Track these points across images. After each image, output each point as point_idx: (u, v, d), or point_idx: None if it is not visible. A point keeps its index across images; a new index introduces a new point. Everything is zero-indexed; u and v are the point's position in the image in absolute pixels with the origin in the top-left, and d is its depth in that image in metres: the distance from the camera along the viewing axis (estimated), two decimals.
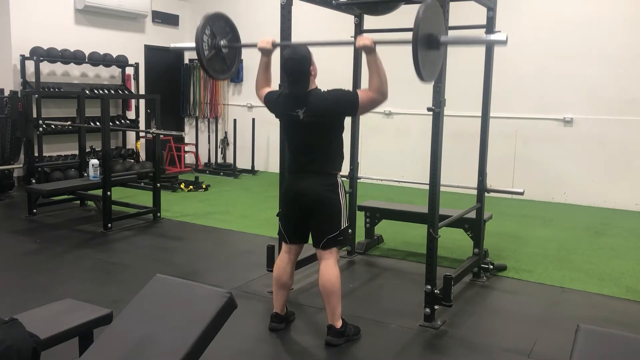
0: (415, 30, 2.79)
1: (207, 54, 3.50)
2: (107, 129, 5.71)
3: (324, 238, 3.21)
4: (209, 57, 3.52)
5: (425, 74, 2.90)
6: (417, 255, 4.90)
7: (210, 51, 3.53)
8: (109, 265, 4.65)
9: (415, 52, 2.79)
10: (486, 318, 3.77)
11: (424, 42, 2.88)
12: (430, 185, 3.48)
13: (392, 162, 8.13)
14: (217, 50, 3.56)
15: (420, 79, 2.90)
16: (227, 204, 7.12)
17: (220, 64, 3.63)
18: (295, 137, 3.27)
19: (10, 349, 1.70)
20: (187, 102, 10.19)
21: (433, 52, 2.98)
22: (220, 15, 3.61)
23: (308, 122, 3.14)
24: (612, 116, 7.10)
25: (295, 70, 3.11)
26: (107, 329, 2.26)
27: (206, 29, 3.49)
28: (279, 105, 3.29)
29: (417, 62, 2.81)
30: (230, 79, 9.89)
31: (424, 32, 2.86)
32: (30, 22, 7.77)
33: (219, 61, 3.62)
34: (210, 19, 3.51)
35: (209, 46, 3.52)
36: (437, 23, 3.01)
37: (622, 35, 6.96)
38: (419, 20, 2.81)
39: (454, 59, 4.54)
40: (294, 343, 3.33)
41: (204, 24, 3.47)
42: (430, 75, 3.05)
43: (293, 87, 3.17)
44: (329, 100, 3.12)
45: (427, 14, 2.86)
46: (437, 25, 3.01)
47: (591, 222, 6.39)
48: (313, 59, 3.16)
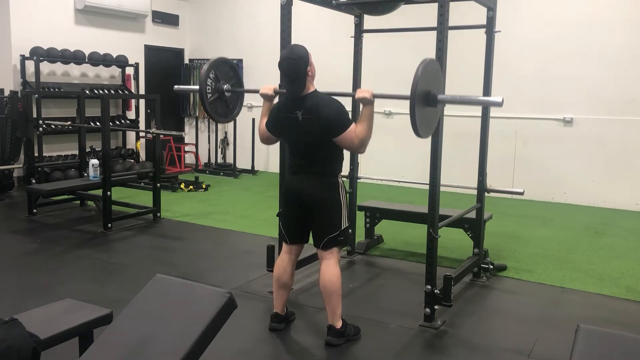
0: (413, 88, 2.88)
1: (210, 97, 3.61)
2: (107, 129, 5.71)
3: (325, 238, 3.21)
4: (211, 100, 3.63)
5: (422, 131, 3.01)
6: (417, 255, 4.90)
7: (213, 95, 3.63)
8: (109, 265, 4.65)
9: (413, 109, 2.89)
10: (486, 318, 3.77)
11: (422, 99, 2.96)
12: (430, 185, 3.48)
13: (392, 162, 8.13)
14: (220, 94, 3.67)
15: (417, 135, 3.01)
16: (227, 204, 7.12)
17: (223, 108, 3.76)
18: (295, 139, 3.27)
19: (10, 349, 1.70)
20: (187, 102, 10.19)
21: (430, 109, 3.07)
22: (224, 61, 3.72)
23: (306, 123, 3.14)
24: (612, 116, 7.10)
25: (291, 70, 3.11)
26: (107, 329, 2.26)
27: (210, 73, 3.60)
28: (279, 109, 3.28)
29: (414, 119, 2.91)
30: None
31: (421, 90, 2.94)
32: (30, 22, 7.77)
33: (221, 104, 3.74)
34: (214, 64, 3.62)
35: (212, 90, 3.63)
36: (436, 81, 3.09)
37: (622, 35, 6.96)
38: (417, 78, 2.89)
39: (454, 58, 4.54)
40: (294, 343, 3.33)
41: (209, 68, 3.59)
42: (427, 132, 3.14)
43: (290, 87, 3.17)
44: (329, 111, 3.09)
45: (425, 72, 2.94)
46: (436, 83, 3.08)
47: (591, 222, 6.39)
48: (311, 60, 3.15)
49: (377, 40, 5.54)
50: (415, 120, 2.91)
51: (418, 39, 5.20)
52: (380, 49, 6.87)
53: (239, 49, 9.55)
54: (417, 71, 2.90)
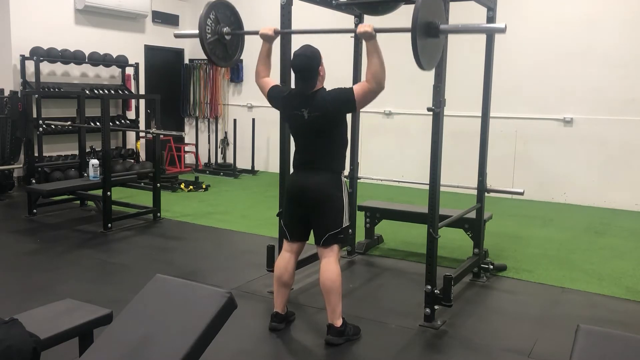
0: (414, 17, 2.79)
1: (210, 38, 3.54)
2: (107, 129, 5.70)
3: (325, 235, 3.21)
4: (211, 42, 3.56)
5: (424, 62, 2.90)
6: (417, 255, 4.90)
7: (213, 36, 3.56)
8: (109, 265, 4.65)
9: (415, 39, 2.79)
10: (486, 318, 3.77)
11: (423, 30, 2.87)
12: (430, 185, 3.48)
13: (392, 162, 8.13)
14: (219, 37, 3.61)
15: (419, 66, 2.90)
16: (227, 204, 7.12)
17: (222, 51, 3.68)
18: (301, 136, 3.30)
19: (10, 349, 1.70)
20: (187, 102, 10.19)
21: (432, 40, 2.98)
22: (224, 3, 3.65)
23: (312, 121, 3.16)
24: (612, 116, 7.09)
25: (304, 67, 3.14)
26: (107, 329, 2.26)
27: (210, 14, 3.53)
28: (285, 104, 3.31)
29: (416, 49, 2.81)
30: (231, 75, 9.89)
31: (423, 20, 2.85)
32: (30, 22, 7.77)
33: (221, 48, 3.67)
34: (214, 6, 3.56)
35: (212, 31, 3.56)
36: (437, 11, 3.00)
37: (622, 35, 6.96)
38: (418, 7, 2.80)
39: (454, 58, 4.54)
40: (294, 343, 3.33)
41: (209, 10, 3.52)
42: (430, 64, 3.04)
43: (301, 84, 3.19)
44: (328, 99, 3.15)
45: (426, 1, 2.86)
46: (437, 13, 3.00)
47: (591, 222, 6.39)
48: (323, 61, 3.19)
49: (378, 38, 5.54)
50: (417, 51, 2.82)
51: None
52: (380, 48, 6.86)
53: None
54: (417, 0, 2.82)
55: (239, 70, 9.77)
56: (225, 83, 10.00)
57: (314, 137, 3.22)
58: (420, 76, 3.80)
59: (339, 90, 3.18)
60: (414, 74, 2.99)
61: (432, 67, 3.12)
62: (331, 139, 3.22)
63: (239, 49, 3.80)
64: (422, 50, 2.85)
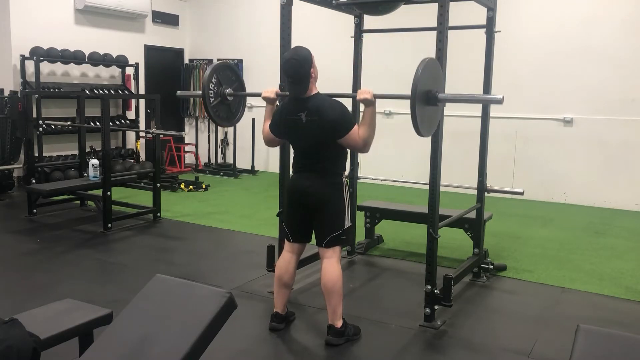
0: (413, 87, 2.89)
1: (213, 101, 3.65)
2: (107, 129, 5.70)
3: (328, 236, 3.21)
4: (214, 105, 3.66)
5: (423, 130, 3.02)
6: (417, 255, 4.90)
7: (215, 99, 3.67)
8: (109, 265, 4.65)
9: (414, 108, 2.90)
10: (486, 318, 3.77)
11: (423, 99, 2.98)
12: (430, 185, 3.48)
13: (392, 162, 8.13)
14: (222, 98, 3.71)
15: (418, 134, 3.03)
16: (227, 204, 7.12)
17: (226, 111, 3.79)
18: (299, 140, 3.28)
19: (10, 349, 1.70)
20: (187, 102, 10.19)
21: (431, 108, 3.08)
22: (226, 66, 3.77)
23: (310, 124, 3.15)
24: (612, 116, 7.10)
25: (295, 72, 3.11)
26: (107, 329, 2.26)
27: (213, 77, 3.64)
28: (282, 112, 3.29)
29: (416, 118, 2.93)
30: None
31: (422, 90, 2.94)
32: (30, 22, 7.77)
33: (224, 108, 3.77)
34: (216, 69, 3.67)
35: (215, 94, 3.66)
36: (436, 80, 3.09)
37: (622, 35, 6.96)
38: (417, 77, 2.89)
39: (454, 58, 4.53)
40: (294, 343, 3.33)
41: (211, 73, 3.62)
42: (429, 131, 3.17)
43: (293, 88, 3.17)
44: (332, 113, 3.11)
45: (426, 71, 2.94)
46: (436, 82, 3.08)
47: (591, 222, 6.39)
48: (314, 62, 3.16)
49: (377, 40, 5.54)
50: (416, 120, 2.93)
51: (418, 39, 5.21)
52: (380, 49, 6.87)
53: (238, 49, 9.55)
54: (418, 71, 2.91)
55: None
56: None
57: (313, 140, 3.21)
58: None
59: (344, 114, 3.15)
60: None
61: (430, 133, 3.24)
62: (330, 141, 3.21)
63: (242, 108, 3.91)
64: (421, 119, 2.96)
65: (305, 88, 3.15)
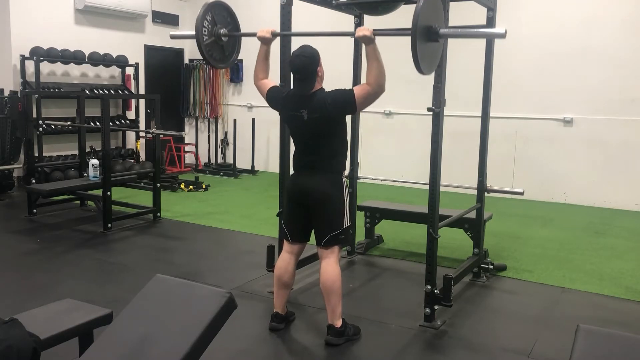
0: (414, 22, 2.79)
1: (207, 39, 3.52)
2: (107, 129, 5.70)
3: (326, 236, 3.21)
4: (207, 44, 3.54)
5: (424, 67, 2.90)
6: (417, 255, 4.90)
7: (209, 38, 3.54)
8: (109, 265, 4.65)
9: (414, 43, 2.79)
10: (486, 318, 3.77)
11: (423, 34, 2.87)
12: (430, 185, 3.48)
13: (392, 162, 8.13)
14: (216, 38, 3.59)
15: (418, 71, 2.91)
16: (227, 204, 7.12)
17: (219, 53, 3.67)
18: (300, 137, 3.29)
19: (10, 349, 1.70)
20: (187, 102, 10.19)
21: (432, 44, 2.98)
22: (221, 4, 3.64)
23: (312, 122, 3.16)
24: (612, 116, 7.09)
25: (302, 68, 3.12)
26: (107, 329, 2.26)
27: (207, 16, 3.52)
28: (284, 105, 3.30)
29: (416, 54, 2.81)
30: (231, 75, 9.89)
31: (423, 24, 2.85)
32: (30, 22, 7.77)
33: (218, 49, 3.65)
34: (211, 7, 3.54)
35: (209, 33, 3.54)
36: (437, 15, 3.01)
37: (622, 35, 6.96)
38: (418, 11, 2.80)
39: (454, 58, 4.53)
40: (294, 343, 3.33)
41: (205, 11, 3.50)
42: (429, 68, 3.05)
43: (299, 85, 3.17)
44: (328, 100, 3.13)
45: (426, 5, 2.86)
46: (437, 17, 3.00)
47: (591, 222, 6.39)
48: (321, 61, 3.17)
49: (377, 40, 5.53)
50: (417, 56, 2.83)
51: None
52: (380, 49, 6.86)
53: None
54: (418, 5, 2.82)
55: (239, 70, 9.77)
56: (225, 83, 10.00)
57: (314, 138, 3.22)
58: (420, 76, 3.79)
59: (339, 92, 3.17)
60: (414, 74, 2.99)
61: (431, 71, 3.13)
62: (331, 140, 3.21)
63: (236, 50, 3.80)
64: (421, 55, 2.85)
65: (310, 85, 3.16)
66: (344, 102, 3.12)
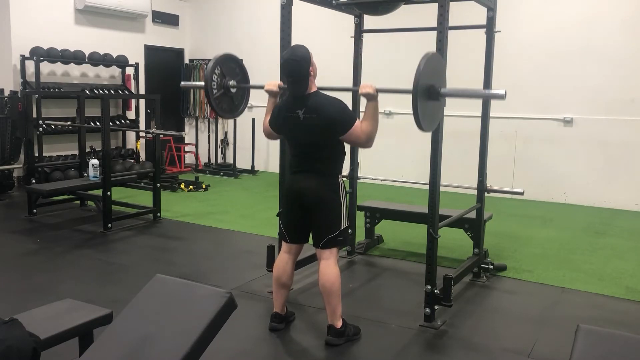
0: (415, 83, 2.87)
1: (216, 92, 3.61)
2: (107, 129, 5.70)
3: (324, 238, 3.21)
4: (217, 96, 3.63)
5: (425, 125, 3.01)
6: (417, 255, 4.90)
7: (218, 90, 3.63)
8: (109, 265, 4.65)
9: (415, 103, 2.89)
10: (486, 318, 3.77)
11: (424, 93, 2.96)
12: (430, 185, 3.48)
13: (392, 162, 8.13)
14: (225, 90, 3.68)
15: (420, 129, 3.01)
16: (227, 204, 7.12)
17: (228, 104, 3.75)
18: (296, 138, 3.28)
19: (10, 349, 1.70)
20: (187, 102, 10.19)
21: (433, 103, 3.06)
22: (230, 57, 3.73)
23: (307, 122, 3.15)
24: (612, 116, 7.10)
25: (294, 71, 3.11)
26: (107, 329, 2.26)
27: (216, 69, 3.60)
28: (279, 111, 3.29)
29: (417, 112, 2.91)
30: None
31: (424, 85, 2.93)
32: (30, 22, 7.77)
33: (227, 100, 3.74)
34: (220, 61, 3.63)
35: (218, 85, 3.63)
36: (438, 75, 3.08)
37: (622, 35, 6.96)
38: (419, 72, 2.88)
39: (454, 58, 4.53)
40: (294, 343, 3.33)
41: (215, 64, 3.59)
42: (430, 126, 3.14)
43: (292, 87, 3.17)
44: (332, 110, 3.11)
45: (428, 66, 2.93)
46: (438, 77, 3.07)
47: (591, 222, 6.39)
48: (313, 60, 3.16)
49: (377, 40, 5.54)
50: (418, 114, 2.89)
51: (418, 39, 5.20)
52: (380, 49, 6.87)
53: (239, 49, 9.47)
54: (420, 65, 2.88)
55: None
56: None
57: (310, 139, 3.20)
58: None
59: (344, 110, 3.15)
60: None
61: (432, 128, 3.21)
62: (326, 141, 3.20)
63: (245, 100, 3.87)
64: (422, 113, 2.94)
65: (305, 87, 3.15)
66: (343, 122, 3.11)
